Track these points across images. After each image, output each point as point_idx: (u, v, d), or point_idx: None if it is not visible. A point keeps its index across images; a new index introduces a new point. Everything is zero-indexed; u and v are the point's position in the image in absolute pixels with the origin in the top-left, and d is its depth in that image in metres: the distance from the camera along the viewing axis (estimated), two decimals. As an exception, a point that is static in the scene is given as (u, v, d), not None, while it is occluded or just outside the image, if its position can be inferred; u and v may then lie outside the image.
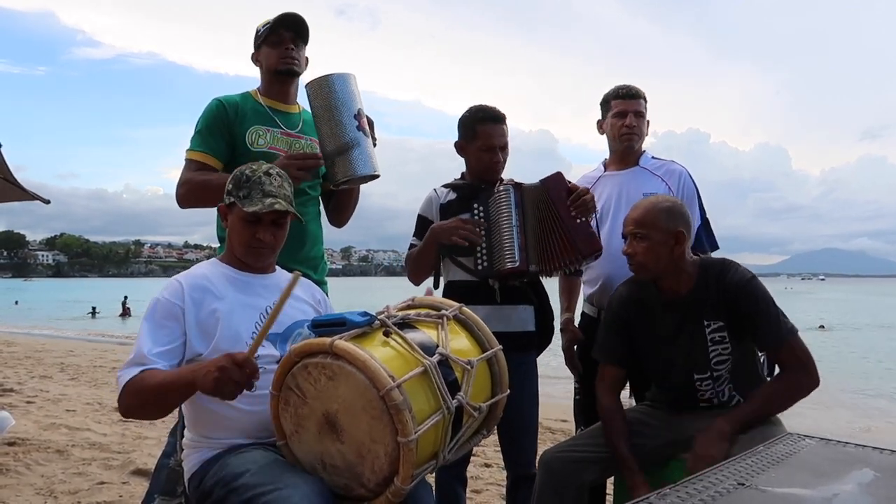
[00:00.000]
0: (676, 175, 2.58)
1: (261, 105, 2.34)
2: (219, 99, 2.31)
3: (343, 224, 2.58)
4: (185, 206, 2.26)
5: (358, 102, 2.14)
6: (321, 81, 2.12)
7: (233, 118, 2.27)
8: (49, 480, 3.54)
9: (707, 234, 2.62)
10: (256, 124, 2.29)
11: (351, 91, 2.13)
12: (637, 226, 2.03)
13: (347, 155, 2.11)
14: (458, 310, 1.70)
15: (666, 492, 1.02)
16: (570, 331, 2.61)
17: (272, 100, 2.37)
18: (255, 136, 2.28)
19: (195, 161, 2.25)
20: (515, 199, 2.26)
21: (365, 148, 2.13)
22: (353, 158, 2.11)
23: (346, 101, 2.11)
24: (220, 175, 2.19)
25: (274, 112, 2.35)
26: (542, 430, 5.40)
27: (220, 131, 2.26)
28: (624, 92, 2.58)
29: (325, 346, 1.43)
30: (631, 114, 2.55)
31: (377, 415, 1.38)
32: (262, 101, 2.35)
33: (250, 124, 2.28)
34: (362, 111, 2.15)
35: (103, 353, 11.24)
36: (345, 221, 2.58)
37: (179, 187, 2.25)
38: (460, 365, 1.54)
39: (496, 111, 2.39)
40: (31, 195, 5.69)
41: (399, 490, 1.41)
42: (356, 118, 2.11)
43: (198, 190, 2.22)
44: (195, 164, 2.24)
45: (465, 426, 1.56)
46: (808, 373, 1.94)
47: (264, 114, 2.33)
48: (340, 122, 2.10)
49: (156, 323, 1.65)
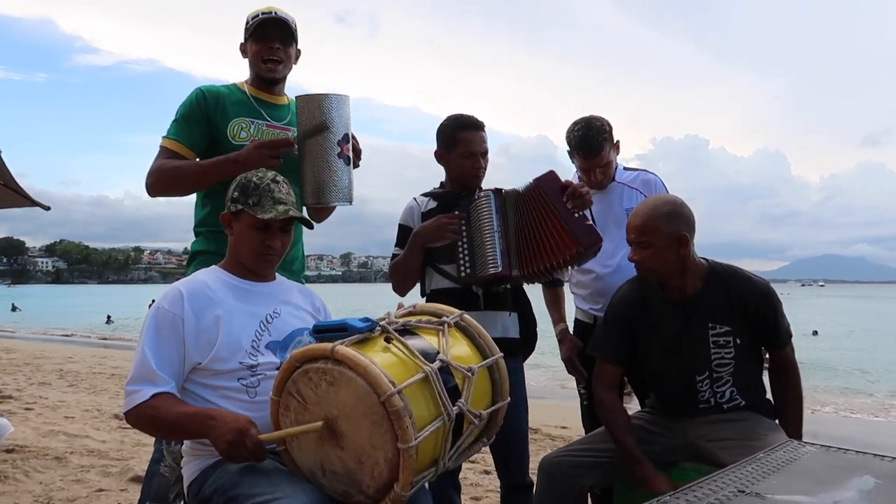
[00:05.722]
0: (652, 185, 2.63)
1: (247, 96, 2.28)
2: (200, 88, 2.26)
3: (319, 222, 2.46)
4: (154, 193, 2.21)
5: (345, 127, 2.11)
6: (312, 99, 2.09)
7: (213, 109, 2.21)
8: (47, 488, 3.52)
9: None
10: (240, 116, 2.24)
11: (341, 115, 2.10)
12: (639, 234, 2.03)
13: (321, 179, 2.09)
14: (459, 317, 1.70)
15: (666, 499, 1.01)
16: (569, 340, 2.62)
17: (259, 90, 2.31)
18: (238, 128, 2.22)
19: (167, 149, 2.20)
20: (496, 204, 2.27)
21: (340, 176, 2.10)
22: (327, 184, 2.09)
23: (332, 124, 2.08)
24: (191, 163, 2.16)
25: (260, 103, 2.28)
26: (542, 436, 5.39)
27: (198, 121, 2.21)
28: (584, 153, 2.51)
29: (327, 351, 1.43)
30: (596, 170, 2.54)
31: (377, 420, 1.38)
32: (249, 92, 2.29)
33: (233, 116, 2.23)
34: (349, 136, 2.13)
35: (102, 359, 11.22)
36: (321, 220, 2.47)
37: (149, 175, 2.20)
38: (461, 372, 1.54)
39: (475, 119, 2.40)
40: (32, 201, 5.68)
41: (398, 497, 1.40)
42: (339, 144, 2.09)
43: (167, 177, 2.17)
44: (167, 152, 2.20)
45: (466, 433, 1.56)
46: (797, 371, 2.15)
47: (249, 105, 2.26)
48: (322, 144, 2.07)
49: (158, 335, 1.64)
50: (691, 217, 2.05)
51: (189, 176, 2.17)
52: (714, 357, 2.06)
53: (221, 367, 1.66)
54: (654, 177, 2.66)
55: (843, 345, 18.84)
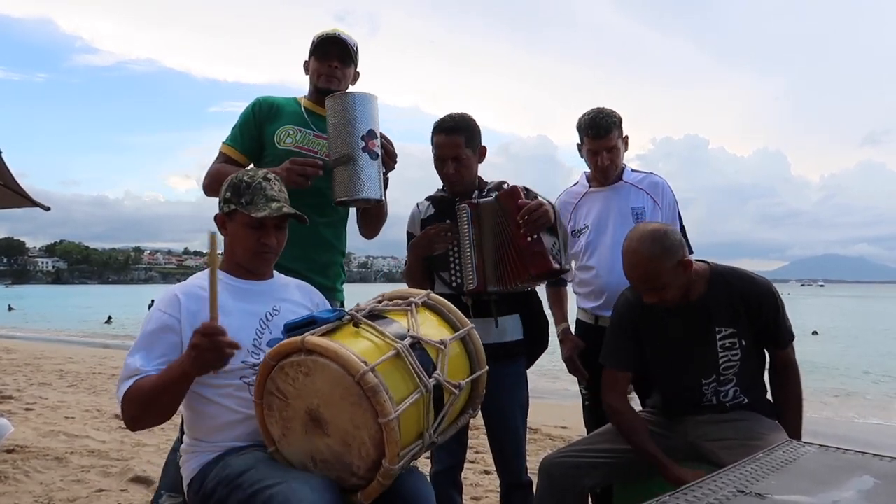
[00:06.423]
0: (659, 188, 2.63)
1: (301, 108, 2.42)
2: (259, 98, 2.44)
3: (371, 236, 2.56)
4: (208, 194, 2.32)
5: (370, 124, 2.14)
6: (339, 97, 2.16)
7: (265, 116, 2.37)
8: (48, 488, 3.52)
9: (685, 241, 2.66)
10: (289, 124, 2.37)
11: (366, 111, 2.13)
12: (647, 282, 2.00)
13: (347, 174, 2.11)
14: (426, 296, 1.74)
15: (665, 499, 1.02)
16: (570, 340, 2.62)
17: (314, 105, 2.42)
18: (284, 134, 2.35)
19: (223, 154, 2.39)
20: (471, 218, 2.26)
21: (366, 170, 2.12)
22: (353, 179, 2.11)
23: (357, 119, 2.11)
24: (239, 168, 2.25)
25: (311, 115, 2.40)
26: (542, 436, 5.38)
27: (251, 128, 2.38)
28: (593, 133, 2.53)
29: (297, 344, 1.47)
30: (603, 152, 2.54)
31: (356, 401, 1.41)
32: (304, 105, 2.43)
33: (282, 123, 2.36)
34: (375, 132, 2.15)
35: (102, 359, 11.21)
36: (373, 233, 2.55)
37: (205, 177, 2.36)
38: (433, 345, 1.58)
39: (449, 121, 2.34)
40: (32, 202, 5.67)
41: (388, 471, 1.43)
42: (364, 139, 2.11)
43: (216, 181, 2.25)
44: (222, 157, 2.39)
45: (448, 404, 1.59)
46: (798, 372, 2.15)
47: (301, 116, 2.40)
48: (346, 140, 2.11)
49: (151, 337, 1.65)
50: (678, 235, 2.04)
51: None
52: (722, 360, 2.08)
53: (224, 367, 1.66)
54: (661, 180, 2.67)
55: (844, 345, 18.84)
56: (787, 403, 2.13)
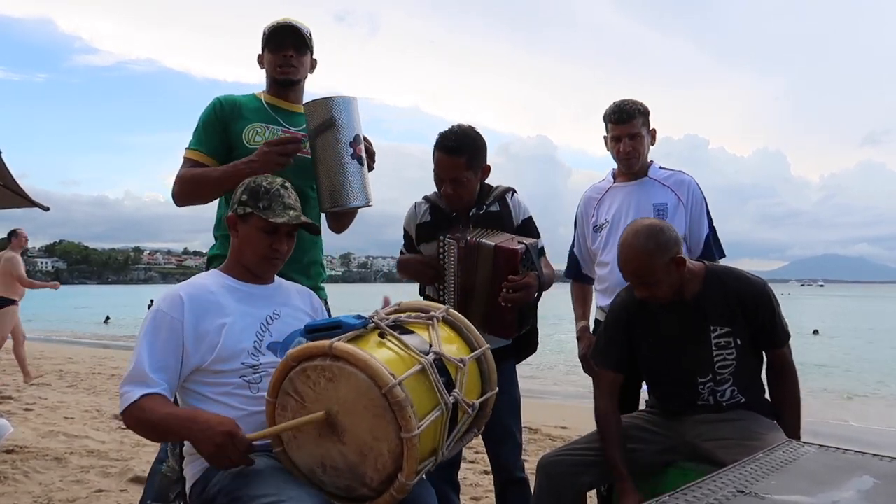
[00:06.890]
0: (686, 186, 2.58)
1: (263, 103, 2.33)
2: (218, 98, 2.32)
3: (342, 230, 2.52)
4: (180, 202, 2.25)
5: (356, 128, 2.10)
6: (320, 104, 2.08)
7: (229, 115, 2.26)
8: (47, 488, 3.52)
9: (715, 242, 2.63)
10: (256, 121, 2.27)
11: (349, 116, 2.09)
12: (638, 277, 2.02)
13: (336, 182, 2.07)
14: (445, 311, 1.75)
15: (665, 499, 1.02)
16: (587, 338, 2.63)
17: (275, 97, 2.34)
18: (252, 132, 2.25)
19: (189, 159, 2.26)
20: (457, 255, 2.23)
21: (355, 177, 2.08)
22: (343, 187, 2.07)
23: (343, 126, 2.07)
24: (207, 169, 2.19)
25: (276, 110, 2.32)
26: (541, 436, 5.38)
27: (215, 129, 2.25)
28: (616, 117, 2.53)
29: (325, 348, 1.46)
30: (625, 138, 2.52)
31: (379, 413, 1.40)
32: (265, 100, 2.34)
33: (248, 122, 2.26)
34: (360, 137, 2.11)
35: (102, 360, 11.20)
36: (342, 229, 2.52)
37: (174, 186, 2.25)
38: (454, 363, 1.58)
39: (452, 140, 2.26)
40: (31, 202, 5.67)
41: (403, 486, 1.42)
42: (351, 145, 2.08)
43: (187, 186, 2.21)
44: (189, 162, 2.26)
45: (461, 423, 1.59)
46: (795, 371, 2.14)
47: (266, 112, 2.30)
48: (333, 147, 2.07)
49: (155, 337, 1.65)
50: (673, 232, 2.04)
51: (207, 182, 2.18)
52: (717, 359, 2.08)
53: (223, 367, 1.67)
54: (689, 178, 2.61)
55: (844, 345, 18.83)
56: (785, 403, 2.13)
